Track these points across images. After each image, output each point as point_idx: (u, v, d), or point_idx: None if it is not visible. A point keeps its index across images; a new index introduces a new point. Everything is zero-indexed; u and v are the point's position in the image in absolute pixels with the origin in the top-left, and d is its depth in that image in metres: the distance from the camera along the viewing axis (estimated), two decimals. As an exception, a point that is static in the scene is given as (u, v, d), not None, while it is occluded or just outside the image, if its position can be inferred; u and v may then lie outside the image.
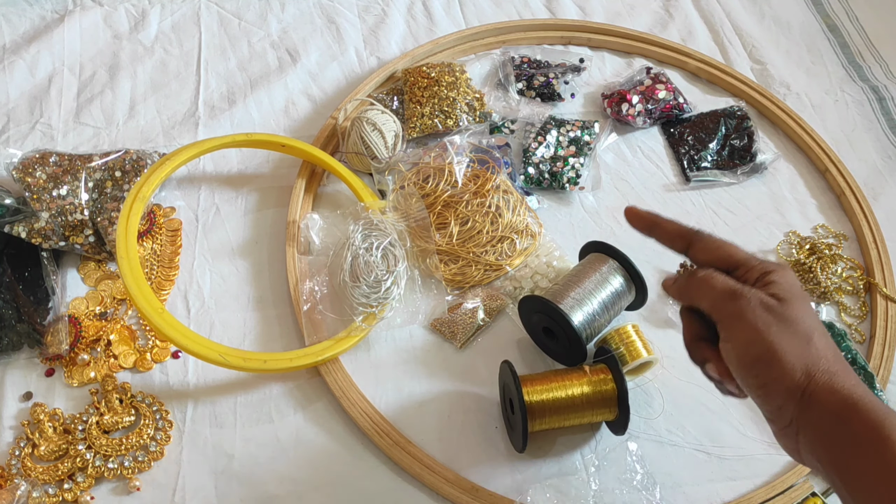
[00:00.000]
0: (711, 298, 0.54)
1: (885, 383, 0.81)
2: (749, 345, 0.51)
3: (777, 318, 0.51)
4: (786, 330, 0.51)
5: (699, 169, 0.98)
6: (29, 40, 1.05)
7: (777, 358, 0.50)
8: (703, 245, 0.57)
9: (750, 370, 0.52)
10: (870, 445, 0.48)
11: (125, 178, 0.88)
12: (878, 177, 1.00)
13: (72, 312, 0.81)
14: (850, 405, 0.49)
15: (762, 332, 0.51)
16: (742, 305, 0.52)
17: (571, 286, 0.77)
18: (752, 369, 0.51)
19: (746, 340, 0.51)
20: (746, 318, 0.52)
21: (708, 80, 1.09)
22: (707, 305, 0.55)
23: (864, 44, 1.16)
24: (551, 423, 0.72)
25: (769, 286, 0.53)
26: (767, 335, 0.51)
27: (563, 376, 0.72)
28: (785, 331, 0.51)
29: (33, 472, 0.71)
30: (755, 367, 0.51)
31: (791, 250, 0.92)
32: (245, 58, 1.07)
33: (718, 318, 0.54)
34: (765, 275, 0.54)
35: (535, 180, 0.94)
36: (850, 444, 0.49)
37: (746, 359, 0.52)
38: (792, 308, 0.52)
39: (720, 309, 0.53)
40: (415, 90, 0.99)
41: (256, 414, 0.77)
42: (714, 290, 0.54)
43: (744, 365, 0.52)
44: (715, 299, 0.54)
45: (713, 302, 0.54)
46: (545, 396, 0.71)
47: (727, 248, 0.56)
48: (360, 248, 0.82)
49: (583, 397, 0.71)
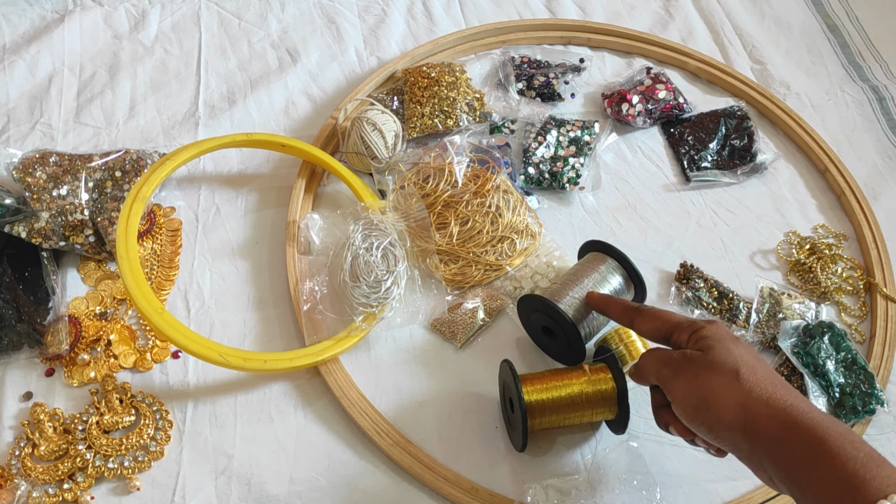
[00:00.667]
0: (653, 371, 0.62)
1: (885, 383, 0.81)
2: (685, 398, 0.58)
3: (701, 367, 0.58)
4: (711, 375, 0.57)
5: (699, 169, 0.98)
6: (29, 40, 1.05)
7: (708, 402, 0.56)
8: (643, 317, 0.66)
9: (693, 420, 0.58)
10: (818, 463, 0.50)
11: (125, 178, 0.88)
12: (878, 177, 1.00)
13: (72, 312, 0.81)
14: (790, 426, 0.53)
15: (691, 383, 0.58)
16: (672, 367, 0.59)
17: (570, 285, 0.77)
18: (695, 419, 0.58)
19: (682, 395, 0.58)
20: (678, 377, 0.59)
21: (708, 80, 1.09)
22: (653, 379, 0.63)
23: (864, 44, 1.16)
24: (551, 423, 0.72)
25: (698, 341, 0.60)
26: (696, 385, 0.57)
27: (562, 375, 0.72)
28: (710, 376, 0.57)
29: (33, 472, 0.71)
30: (696, 416, 0.57)
31: (791, 250, 0.92)
32: (245, 58, 1.07)
33: (661, 385, 0.61)
34: (694, 332, 0.61)
35: (535, 180, 0.94)
36: (800, 466, 0.51)
37: (688, 410, 0.58)
38: (714, 353, 0.58)
39: (659, 377, 0.61)
40: (415, 90, 0.99)
41: (256, 414, 0.77)
42: (651, 364, 0.62)
43: (687, 416, 0.58)
44: (655, 371, 0.62)
45: (655, 374, 0.62)
46: (545, 395, 0.71)
47: (664, 316, 0.65)
48: (360, 248, 0.82)
49: (582, 396, 0.71)
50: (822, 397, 0.78)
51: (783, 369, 0.81)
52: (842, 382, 0.78)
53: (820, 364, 0.79)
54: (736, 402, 0.55)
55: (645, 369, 0.64)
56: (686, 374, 0.58)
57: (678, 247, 0.91)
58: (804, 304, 0.85)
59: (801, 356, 0.80)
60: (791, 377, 0.80)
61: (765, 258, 0.91)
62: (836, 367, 0.79)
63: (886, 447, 0.77)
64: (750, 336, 0.82)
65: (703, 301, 0.85)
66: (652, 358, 0.63)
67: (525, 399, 0.70)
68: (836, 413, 0.77)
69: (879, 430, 0.78)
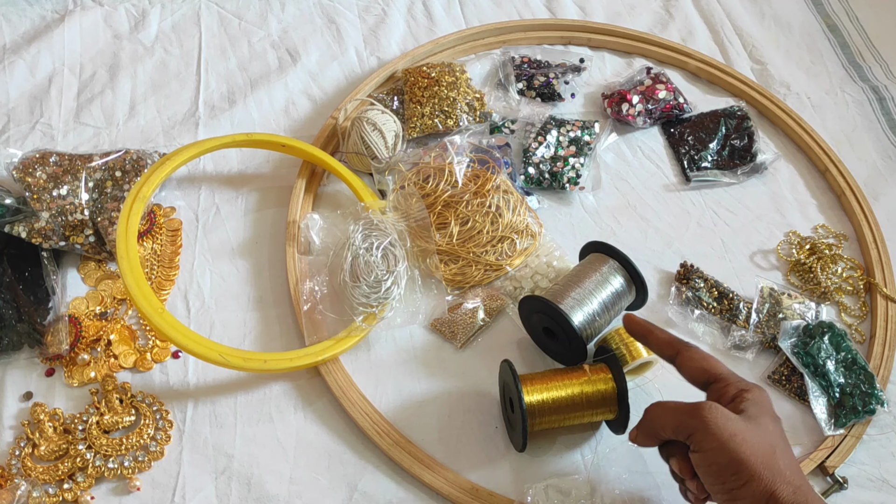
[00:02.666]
0: (673, 421, 0.59)
1: (885, 383, 0.81)
2: (716, 454, 0.56)
3: (739, 430, 0.56)
4: (748, 441, 0.56)
5: (699, 169, 0.98)
6: (29, 40, 1.05)
7: (740, 466, 0.55)
8: (689, 354, 0.63)
9: (717, 478, 0.56)
10: None
11: (125, 178, 0.88)
12: (878, 177, 1.00)
13: (72, 312, 0.81)
14: None
15: (726, 442, 0.55)
16: (705, 417, 0.57)
17: (572, 286, 0.77)
18: (720, 477, 0.56)
19: (713, 450, 0.56)
20: (710, 430, 0.56)
21: (708, 80, 1.09)
22: (671, 431, 0.60)
23: (865, 44, 1.16)
24: (551, 423, 0.72)
25: (742, 402, 0.58)
26: (732, 444, 0.55)
27: (562, 375, 0.72)
28: (747, 441, 0.55)
29: (33, 471, 0.71)
30: (721, 475, 0.56)
31: (791, 250, 0.92)
32: (245, 58, 1.07)
33: (686, 435, 0.58)
34: (741, 392, 0.59)
35: (536, 180, 0.94)
36: None
37: (714, 467, 0.56)
38: (755, 422, 0.57)
39: (685, 425, 0.58)
40: (415, 90, 0.99)
41: (256, 414, 0.77)
42: (672, 413, 0.59)
43: (712, 473, 0.56)
44: (677, 420, 0.59)
45: (676, 424, 0.59)
46: (545, 396, 0.71)
47: (710, 361, 0.62)
48: (360, 248, 0.82)
49: (583, 396, 0.71)
50: (822, 397, 0.78)
51: (783, 369, 0.81)
52: (842, 382, 0.78)
53: (820, 364, 0.79)
54: (769, 476, 0.55)
55: (659, 422, 0.61)
56: (721, 430, 0.56)
57: (678, 247, 0.91)
58: (804, 304, 0.85)
59: (801, 356, 0.80)
60: (791, 377, 0.80)
61: (765, 258, 0.91)
62: (836, 367, 0.79)
63: (886, 447, 0.77)
64: (750, 336, 0.82)
65: (703, 301, 0.85)
66: (667, 409, 0.60)
67: (525, 399, 0.69)
68: (836, 413, 0.77)
69: (879, 430, 0.78)
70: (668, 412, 0.60)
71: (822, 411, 0.77)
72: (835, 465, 0.75)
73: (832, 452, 0.75)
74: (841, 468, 0.75)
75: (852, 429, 0.77)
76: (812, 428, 0.78)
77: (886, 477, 0.75)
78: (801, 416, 0.79)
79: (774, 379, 0.81)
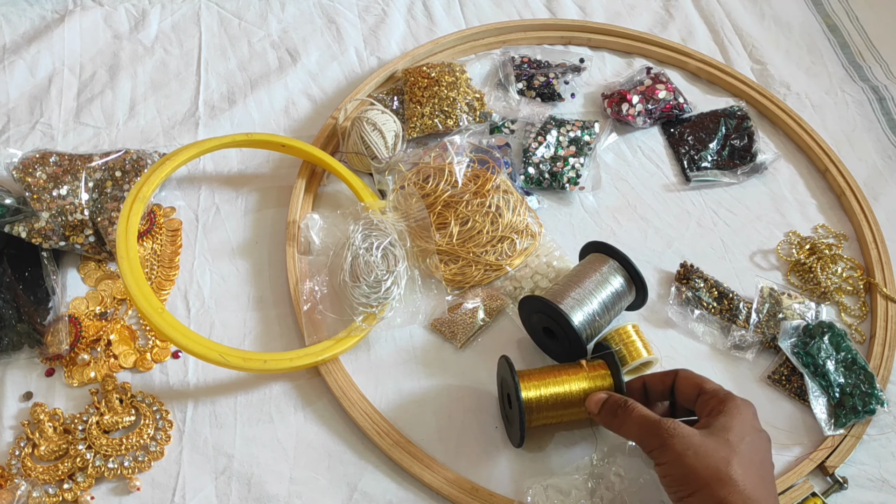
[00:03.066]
0: (637, 433, 0.65)
1: (885, 383, 0.81)
2: (670, 467, 0.61)
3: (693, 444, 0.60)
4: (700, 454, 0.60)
5: (699, 169, 0.98)
6: (29, 40, 1.05)
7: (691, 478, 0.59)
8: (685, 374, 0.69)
9: (670, 488, 0.62)
10: None
11: (125, 178, 0.88)
12: (878, 177, 1.00)
13: (72, 312, 0.81)
14: None
15: (680, 456, 0.60)
16: (663, 437, 0.62)
17: (572, 286, 0.77)
18: (672, 487, 0.62)
19: (668, 463, 0.61)
20: (667, 446, 0.61)
21: (708, 80, 1.09)
22: (633, 437, 0.66)
23: (865, 44, 1.16)
24: (548, 419, 0.72)
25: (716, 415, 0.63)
26: (685, 459, 0.60)
27: (560, 371, 0.73)
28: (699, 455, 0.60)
29: (33, 471, 0.71)
30: (674, 486, 0.61)
31: (791, 250, 0.92)
32: (245, 58, 1.07)
33: (647, 450, 0.64)
34: (720, 404, 0.64)
35: (535, 180, 0.94)
36: None
37: (668, 479, 0.62)
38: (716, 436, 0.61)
39: (647, 442, 0.64)
40: (415, 90, 0.99)
41: (256, 414, 0.77)
42: (638, 426, 0.64)
43: (667, 483, 0.62)
44: (639, 434, 0.64)
45: (639, 437, 0.65)
46: (542, 392, 0.71)
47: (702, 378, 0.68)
48: (360, 248, 0.82)
49: (580, 392, 0.71)
50: (822, 397, 0.78)
51: (783, 369, 0.81)
52: (842, 382, 0.78)
53: (820, 364, 0.79)
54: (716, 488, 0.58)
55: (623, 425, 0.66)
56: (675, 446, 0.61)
57: (678, 247, 0.91)
58: (804, 304, 0.85)
59: (801, 356, 0.80)
60: (791, 377, 0.80)
61: (765, 258, 0.91)
62: (836, 367, 0.79)
63: (886, 447, 0.77)
64: (750, 336, 0.82)
65: (703, 301, 0.85)
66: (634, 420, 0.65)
67: (523, 395, 0.70)
68: (836, 413, 0.77)
69: (879, 430, 0.78)
70: (635, 424, 0.65)
71: (822, 411, 0.77)
72: (835, 465, 0.75)
73: (832, 452, 0.75)
74: (841, 468, 0.75)
75: (852, 429, 0.77)
76: (812, 428, 0.78)
77: (886, 477, 0.75)
78: (801, 416, 0.79)
79: (774, 379, 0.81)
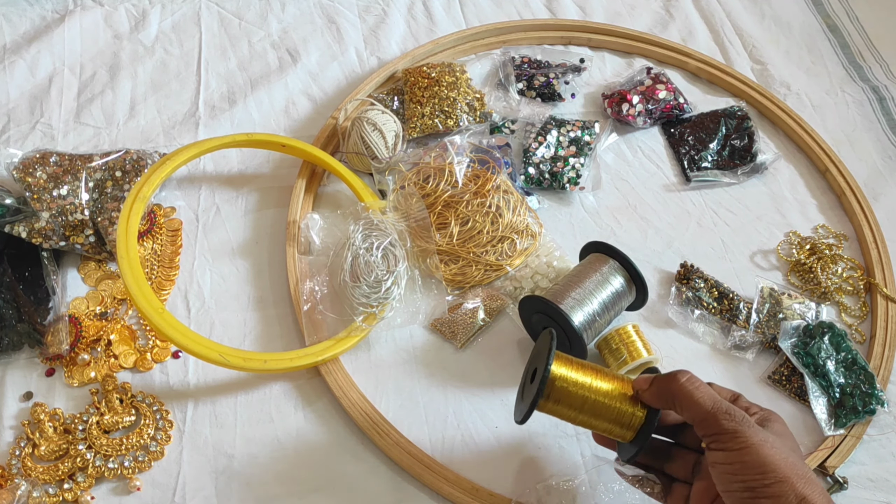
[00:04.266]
0: (701, 413, 0.57)
1: (885, 383, 0.81)
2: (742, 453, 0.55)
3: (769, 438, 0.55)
4: (777, 447, 0.55)
5: (699, 169, 0.98)
6: (29, 40, 1.05)
7: (770, 468, 0.54)
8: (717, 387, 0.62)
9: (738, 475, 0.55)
10: None
11: (125, 178, 0.88)
12: (878, 177, 1.00)
13: (72, 312, 0.81)
14: None
15: (756, 444, 0.55)
16: (737, 422, 0.56)
17: (572, 286, 0.77)
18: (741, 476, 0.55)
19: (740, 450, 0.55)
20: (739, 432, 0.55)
21: (708, 80, 1.09)
22: (691, 416, 0.58)
23: (865, 44, 1.16)
24: (562, 414, 0.64)
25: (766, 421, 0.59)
26: (762, 448, 0.54)
27: (604, 375, 0.64)
28: (776, 448, 0.55)
29: (33, 471, 0.71)
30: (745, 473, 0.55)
31: (791, 250, 0.92)
32: (245, 58, 1.07)
33: (709, 433, 0.57)
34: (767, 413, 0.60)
35: (536, 180, 0.94)
36: None
37: (738, 465, 0.55)
38: (783, 438, 0.57)
39: (712, 424, 0.57)
40: (415, 90, 0.99)
41: (256, 414, 0.77)
42: (701, 406, 0.57)
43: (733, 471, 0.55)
44: (706, 414, 0.57)
45: (703, 416, 0.57)
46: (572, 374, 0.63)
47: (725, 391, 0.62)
48: (360, 248, 0.82)
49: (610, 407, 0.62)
50: (822, 397, 0.78)
51: (783, 369, 0.81)
52: (842, 382, 0.78)
53: (820, 364, 0.79)
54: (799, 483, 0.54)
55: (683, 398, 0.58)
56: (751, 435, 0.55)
57: (678, 247, 0.91)
58: (804, 304, 0.85)
59: (801, 356, 0.80)
60: (791, 377, 0.80)
61: (765, 258, 0.92)
62: (836, 367, 0.79)
63: (886, 447, 0.77)
64: (750, 336, 0.82)
65: (703, 301, 0.85)
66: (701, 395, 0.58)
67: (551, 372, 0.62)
68: (836, 413, 0.77)
69: (879, 430, 0.78)
70: (697, 402, 0.58)
71: (823, 411, 0.77)
72: (835, 466, 0.75)
73: (832, 452, 0.75)
74: (841, 468, 0.75)
75: (852, 429, 0.77)
76: (812, 428, 0.78)
77: (886, 477, 0.75)
78: (802, 416, 0.79)
79: (774, 379, 0.81)
